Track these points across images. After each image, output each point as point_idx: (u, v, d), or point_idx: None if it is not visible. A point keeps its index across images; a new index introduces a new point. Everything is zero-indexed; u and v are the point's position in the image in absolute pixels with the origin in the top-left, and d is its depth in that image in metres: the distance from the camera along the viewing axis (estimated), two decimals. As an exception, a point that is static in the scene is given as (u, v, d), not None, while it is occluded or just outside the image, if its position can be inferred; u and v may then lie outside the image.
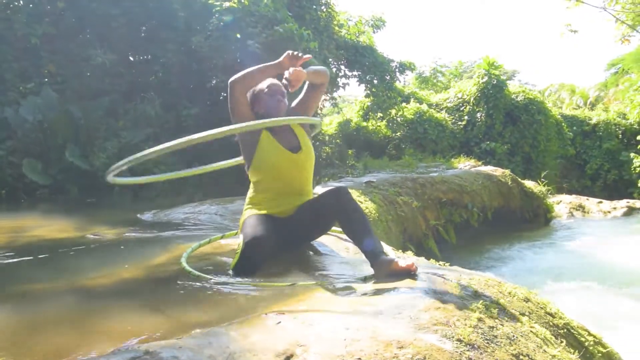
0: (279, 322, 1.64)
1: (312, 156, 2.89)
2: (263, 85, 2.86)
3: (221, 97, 9.78)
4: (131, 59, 10.28)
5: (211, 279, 2.35)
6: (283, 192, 2.78)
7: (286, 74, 2.74)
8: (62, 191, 7.52)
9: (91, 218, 5.12)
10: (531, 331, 2.11)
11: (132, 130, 8.55)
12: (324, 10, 11.77)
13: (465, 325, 1.78)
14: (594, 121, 20.71)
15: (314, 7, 11.25)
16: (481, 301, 2.10)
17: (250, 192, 2.88)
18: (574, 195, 13.40)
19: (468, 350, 1.62)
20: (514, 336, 1.89)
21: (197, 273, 2.41)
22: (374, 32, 13.93)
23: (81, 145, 7.98)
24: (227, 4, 8.80)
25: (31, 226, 4.52)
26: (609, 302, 5.19)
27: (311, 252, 2.95)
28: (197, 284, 2.32)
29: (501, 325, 1.94)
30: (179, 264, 2.60)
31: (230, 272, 2.48)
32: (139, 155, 2.42)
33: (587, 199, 12.66)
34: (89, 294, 2.29)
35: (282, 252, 2.72)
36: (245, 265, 2.43)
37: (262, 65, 2.80)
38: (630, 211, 11.61)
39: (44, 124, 7.87)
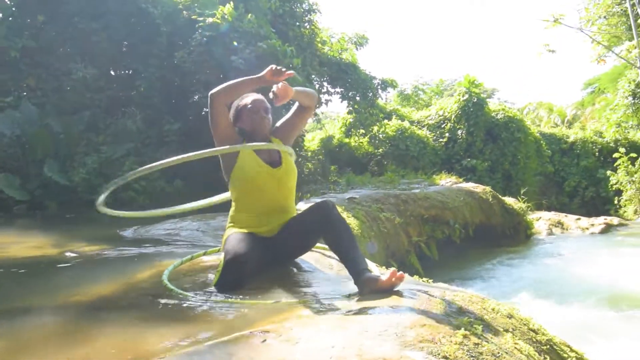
0: (264, 341, 1.61)
1: (294, 173, 2.84)
2: (247, 100, 2.83)
3: (203, 113, 9.74)
4: (112, 73, 10.22)
5: (193, 296, 2.31)
6: (264, 211, 2.73)
7: (274, 87, 2.70)
8: (40, 207, 7.38)
9: (70, 234, 5.01)
10: (515, 348, 2.11)
11: (112, 145, 8.46)
12: (308, 27, 11.88)
13: (451, 342, 1.77)
14: (571, 139, 21.14)
15: (298, 23, 11.34)
16: (466, 318, 2.10)
17: (231, 211, 2.84)
18: (553, 212, 13.59)
19: (454, 368, 1.61)
20: (498, 353, 1.89)
21: (178, 291, 2.36)
22: (356, 49, 14.08)
23: (60, 160, 7.87)
24: (210, 19, 8.82)
25: (7, 243, 4.41)
26: (589, 317, 5.23)
27: (295, 269, 2.93)
28: (180, 302, 2.28)
29: (486, 342, 1.93)
30: (160, 281, 2.55)
31: (213, 289, 2.44)
32: (129, 174, 2.45)
33: (566, 216, 12.84)
34: (66, 313, 2.23)
35: (265, 269, 2.69)
36: (227, 282, 2.39)
37: (243, 78, 2.75)
38: (608, 228, 11.79)
39: (22, 139, 7.75)
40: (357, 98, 13.42)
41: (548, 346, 2.53)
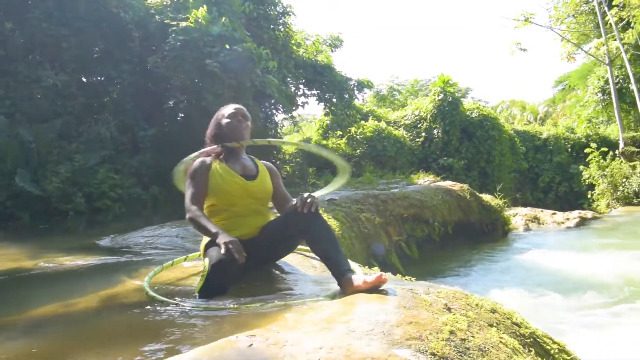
0: (251, 345, 1.58)
1: (269, 189, 2.85)
2: (228, 108, 2.90)
3: (179, 118, 9.66)
4: (84, 80, 10.05)
5: (176, 303, 2.26)
6: (240, 214, 2.73)
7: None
8: (12, 218, 7.19)
9: (45, 245, 4.90)
10: (501, 342, 2.12)
11: (86, 153, 8.31)
12: (282, 30, 11.87)
13: (438, 338, 1.77)
14: (544, 136, 21.55)
15: (272, 26, 11.33)
16: (451, 314, 2.10)
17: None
18: (529, 208, 13.81)
19: (442, 364, 1.61)
20: (485, 347, 1.90)
21: (161, 298, 2.31)
22: (331, 51, 14.14)
23: (32, 170, 7.69)
24: (183, 23, 8.74)
25: (-21, 256, 4.28)
26: (569, 309, 5.31)
27: (278, 272, 2.90)
28: (162, 309, 2.23)
29: (472, 337, 1.94)
30: (140, 290, 2.50)
31: (196, 295, 2.40)
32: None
33: (542, 211, 13.06)
34: (44, 326, 2.16)
35: (248, 272, 2.66)
36: (212, 288, 2.35)
37: (207, 233, 2.58)
38: (582, 221, 12.06)
39: (-9, 149, 7.55)
40: (334, 100, 13.46)
41: (531, 339, 2.56)
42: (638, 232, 10.10)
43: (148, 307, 2.28)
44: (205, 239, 2.68)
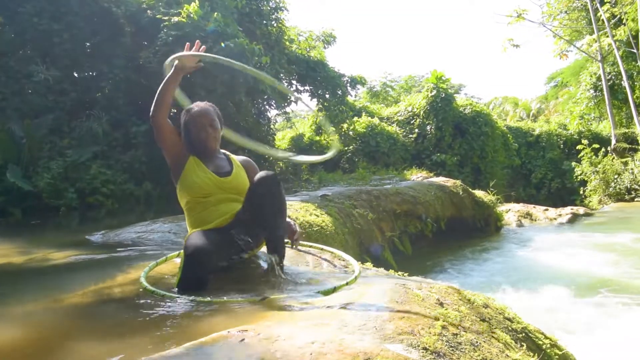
0: (243, 340, 1.58)
1: (244, 184, 2.77)
2: (193, 114, 2.79)
3: (171, 114, 9.61)
4: (76, 75, 9.97)
5: (177, 296, 2.23)
6: (215, 204, 2.69)
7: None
8: (3, 214, 7.14)
9: (37, 241, 4.86)
10: (493, 336, 2.13)
11: (78, 148, 8.26)
12: (275, 25, 11.82)
13: (430, 333, 1.77)
14: (537, 132, 21.65)
15: (265, 22, 11.28)
16: (443, 309, 2.11)
17: (186, 219, 2.79)
18: (521, 204, 13.88)
19: (434, 358, 1.61)
20: (477, 342, 1.90)
21: (161, 292, 2.27)
22: (324, 47, 14.10)
23: (23, 165, 7.63)
24: (175, 18, 8.69)
25: (-31, 252, 4.24)
26: (560, 304, 5.35)
27: (269, 267, 2.89)
28: (153, 305, 2.21)
29: (464, 332, 1.95)
30: (133, 284, 2.48)
31: (175, 289, 2.36)
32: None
33: (534, 207, 13.13)
34: (36, 322, 2.14)
35: (234, 263, 2.64)
36: (190, 280, 2.30)
37: (163, 82, 2.64)
38: (575, 218, 12.13)
39: (-18, 144, 7.49)
40: (327, 95, 13.43)
41: (523, 334, 2.57)
42: (629, 227, 10.17)
43: (139, 301, 2.27)
44: (187, 236, 2.64)
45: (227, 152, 2.96)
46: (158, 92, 2.63)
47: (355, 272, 2.50)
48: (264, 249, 2.81)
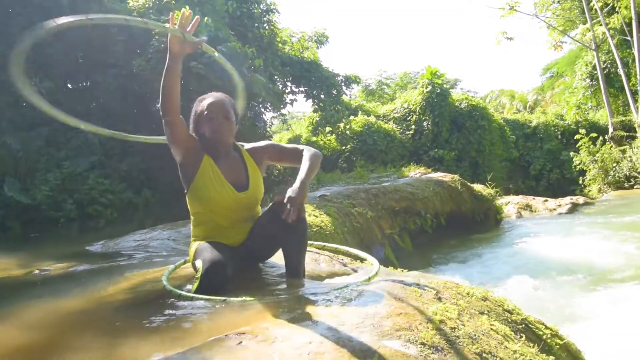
0: (240, 343, 1.58)
1: (259, 195, 2.67)
2: (204, 105, 2.64)
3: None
4: (69, 86, 9.98)
5: (207, 298, 2.16)
6: (227, 227, 2.60)
7: (285, 210, 2.29)
8: (2, 228, 7.14)
9: (36, 254, 4.84)
10: (492, 329, 2.13)
11: (75, 159, 8.26)
12: (267, 27, 11.83)
13: (428, 328, 1.78)
14: (534, 124, 21.65)
15: (256, 25, 11.28)
16: (441, 303, 2.11)
17: (192, 227, 2.69)
18: (520, 196, 13.89)
19: (432, 353, 1.61)
20: (475, 335, 1.91)
21: (186, 294, 2.22)
22: (317, 47, 14.10)
23: (21, 178, 7.63)
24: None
25: (-31, 267, 4.23)
26: (561, 295, 5.35)
27: (268, 269, 2.89)
28: (153, 310, 2.21)
29: (462, 325, 1.95)
30: (132, 292, 2.48)
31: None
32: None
33: (534, 198, 13.14)
34: (37, 332, 2.14)
35: (242, 271, 2.64)
36: (207, 290, 2.26)
37: (163, 75, 2.49)
38: (575, 207, 12.14)
39: (-22, 159, 7.49)
40: (322, 96, 13.43)
41: (523, 325, 2.57)
42: (629, 215, 10.17)
43: (140, 308, 2.27)
44: (193, 246, 2.59)
45: (240, 145, 2.75)
46: (161, 87, 2.49)
47: (374, 267, 2.50)
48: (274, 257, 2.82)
